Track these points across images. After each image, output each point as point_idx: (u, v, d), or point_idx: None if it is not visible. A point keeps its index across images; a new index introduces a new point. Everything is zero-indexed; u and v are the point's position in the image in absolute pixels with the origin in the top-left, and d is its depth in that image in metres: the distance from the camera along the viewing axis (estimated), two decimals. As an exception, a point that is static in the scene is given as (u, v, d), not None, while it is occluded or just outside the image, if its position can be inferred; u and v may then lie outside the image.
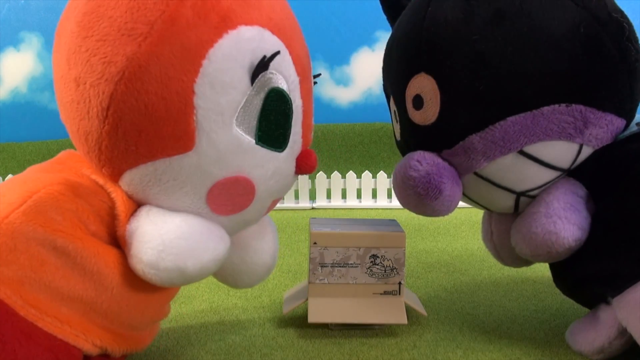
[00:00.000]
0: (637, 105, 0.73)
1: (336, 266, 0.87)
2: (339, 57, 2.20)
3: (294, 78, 0.68)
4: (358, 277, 0.86)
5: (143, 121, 0.60)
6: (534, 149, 0.68)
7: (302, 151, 0.72)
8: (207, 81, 0.60)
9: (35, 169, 0.68)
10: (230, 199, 0.67)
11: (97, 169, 0.65)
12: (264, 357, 0.79)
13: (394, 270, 0.85)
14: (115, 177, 0.65)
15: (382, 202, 1.92)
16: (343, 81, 2.14)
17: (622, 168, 0.67)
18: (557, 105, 0.66)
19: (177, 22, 0.58)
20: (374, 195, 1.96)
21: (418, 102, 0.72)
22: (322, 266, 0.87)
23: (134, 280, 0.65)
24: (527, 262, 0.82)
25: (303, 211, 1.87)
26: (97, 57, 0.58)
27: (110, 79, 0.58)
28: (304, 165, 0.72)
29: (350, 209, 1.90)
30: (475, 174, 0.72)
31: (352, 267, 0.86)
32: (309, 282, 0.88)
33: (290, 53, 0.67)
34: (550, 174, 0.71)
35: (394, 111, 0.80)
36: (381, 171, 1.93)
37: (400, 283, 0.86)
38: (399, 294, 0.86)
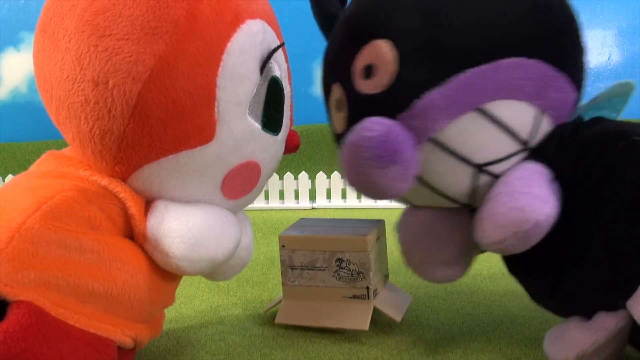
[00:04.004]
0: (585, 81, 0.73)
1: (305, 269, 0.88)
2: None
3: (284, 66, 0.74)
4: (326, 280, 0.87)
5: (170, 116, 0.61)
6: (493, 106, 0.66)
7: (289, 132, 0.78)
8: (227, 74, 0.63)
9: (28, 174, 0.68)
10: (241, 183, 0.72)
11: (108, 167, 0.65)
12: (264, 357, 0.79)
13: (361, 274, 0.85)
14: (127, 173, 0.65)
15: (382, 202, 1.92)
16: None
17: (598, 148, 0.65)
18: (515, 58, 0.66)
19: (198, 20, 0.61)
20: (374, 195, 1.96)
21: (368, 71, 0.70)
22: (291, 268, 0.88)
23: (152, 268, 0.68)
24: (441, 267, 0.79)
25: (303, 211, 1.87)
26: (120, 56, 0.59)
27: (138, 78, 0.59)
28: (291, 145, 0.79)
29: (350, 209, 1.90)
30: (432, 140, 0.68)
31: (319, 270, 0.87)
32: (282, 284, 0.89)
33: (280, 41, 0.72)
34: (510, 144, 0.68)
35: (336, 100, 0.77)
36: (381, 171, 1.93)
37: (367, 287, 0.85)
38: (368, 298, 0.86)
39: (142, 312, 0.67)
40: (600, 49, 2.12)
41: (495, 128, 0.67)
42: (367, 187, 0.69)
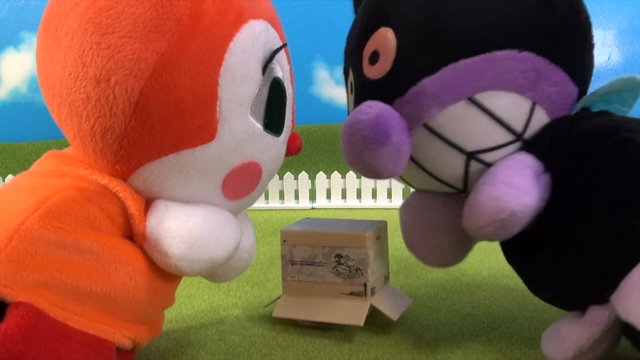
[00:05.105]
0: (590, 77, 0.74)
1: (305, 264, 0.89)
2: (339, 57, 2.19)
3: (287, 67, 0.74)
4: (325, 276, 0.88)
5: (171, 115, 0.61)
6: (484, 97, 0.68)
7: (291, 134, 0.78)
8: (229, 74, 0.63)
9: (29, 174, 0.68)
10: (242, 183, 0.71)
11: (108, 166, 0.65)
12: (264, 357, 0.79)
13: (359, 271, 0.86)
14: (128, 172, 0.65)
15: (382, 202, 1.92)
16: (343, 81, 2.14)
17: (590, 142, 0.66)
18: (509, 51, 0.67)
19: (201, 18, 0.61)
20: (374, 195, 1.96)
21: (374, 57, 0.73)
22: (292, 264, 0.89)
23: (151, 269, 0.67)
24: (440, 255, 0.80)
25: (303, 211, 1.87)
26: (122, 53, 0.59)
27: (140, 75, 0.59)
28: (293, 147, 0.78)
29: (350, 209, 1.90)
30: (426, 127, 0.70)
31: (319, 265, 0.88)
32: (282, 279, 0.91)
33: (283, 43, 0.72)
34: (501, 135, 0.70)
35: (351, 83, 0.81)
36: (381, 171, 1.93)
37: (365, 285, 0.85)
38: (365, 295, 0.86)
39: (141, 314, 0.67)
40: (600, 49, 2.12)
41: (486, 118, 0.69)
42: (361, 167, 0.73)
